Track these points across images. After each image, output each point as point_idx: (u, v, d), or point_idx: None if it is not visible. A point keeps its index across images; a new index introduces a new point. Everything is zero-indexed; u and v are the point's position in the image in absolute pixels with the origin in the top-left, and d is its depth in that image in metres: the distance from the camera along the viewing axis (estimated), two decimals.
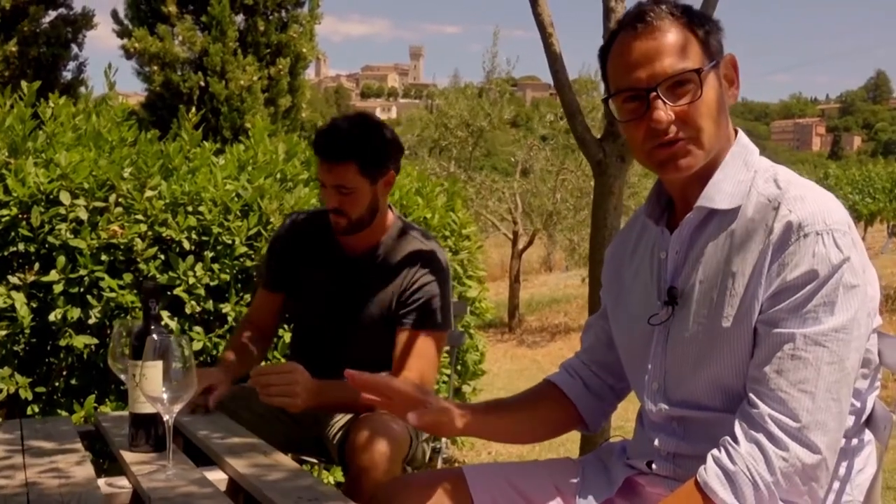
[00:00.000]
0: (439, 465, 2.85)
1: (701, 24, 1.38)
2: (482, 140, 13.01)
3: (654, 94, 1.34)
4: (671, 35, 1.36)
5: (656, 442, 1.45)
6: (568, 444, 4.83)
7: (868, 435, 1.42)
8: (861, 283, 1.28)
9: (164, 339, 1.59)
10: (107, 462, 2.95)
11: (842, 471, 1.37)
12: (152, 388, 1.58)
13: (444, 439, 2.70)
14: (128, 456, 1.76)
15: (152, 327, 1.77)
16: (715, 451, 1.29)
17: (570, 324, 12.20)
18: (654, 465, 1.46)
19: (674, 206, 1.50)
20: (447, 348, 3.98)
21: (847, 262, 1.27)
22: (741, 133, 1.45)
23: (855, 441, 1.39)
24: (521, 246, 12.91)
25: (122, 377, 1.92)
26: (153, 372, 1.59)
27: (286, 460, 1.71)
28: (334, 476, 3.75)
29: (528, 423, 1.64)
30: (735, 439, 1.28)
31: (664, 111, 1.34)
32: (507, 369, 8.80)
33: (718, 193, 1.38)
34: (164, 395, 1.56)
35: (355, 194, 2.31)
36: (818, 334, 1.25)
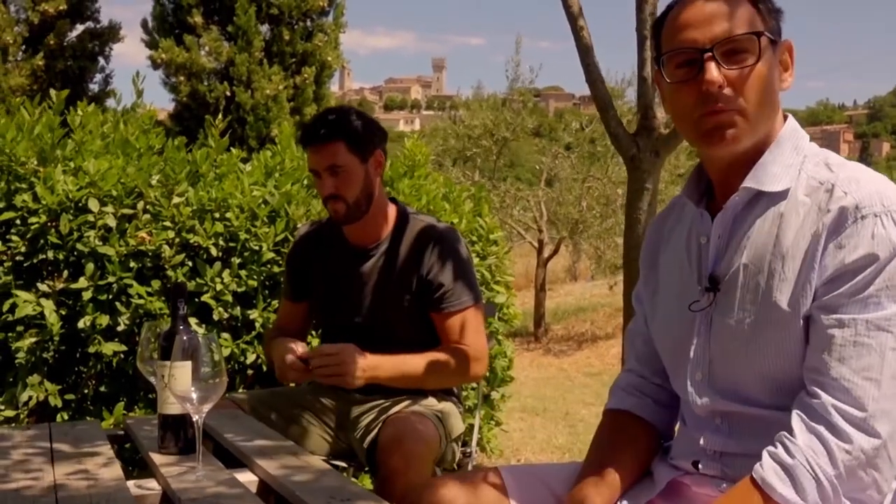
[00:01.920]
0: (470, 469, 2.81)
1: (764, 1, 1.35)
2: (506, 149, 12.98)
3: (710, 53, 1.29)
4: (733, 1, 1.31)
5: (702, 441, 1.40)
6: None
7: None
8: None
9: (193, 339, 1.57)
10: (136, 470, 2.94)
11: None
12: (181, 388, 1.56)
13: (474, 443, 2.66)
14: (157, 458, 1.74)
15: (181, 327, 1.75)
16: (771, 447, 1.24)
17: (596, 332, 12.11)
18: (700, 465, 1.40)
19: (713, 190, 1.45)
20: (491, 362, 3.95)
21: None
22: (791, 118, 1.40)
23: None
24: (546, 254, 12.85)
25: (152, 379, 1.91)
26: (182, 372, 1.58)
27: (316, 461, 1.68)
28: (363, 483, 3.72)
29: (638, 466, 1.51)
30: (792, 433, 1.22)
31: (719, 71, 1.29)
32: (534, 378, 8.74)
33: (766, 175, 1.34)
34: (194, 395, 1.54)
35: (348, 173, 2.33)
36: (881, 319, 1.21)
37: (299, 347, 2.29)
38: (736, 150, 1.34)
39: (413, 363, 2.29)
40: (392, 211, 2.47)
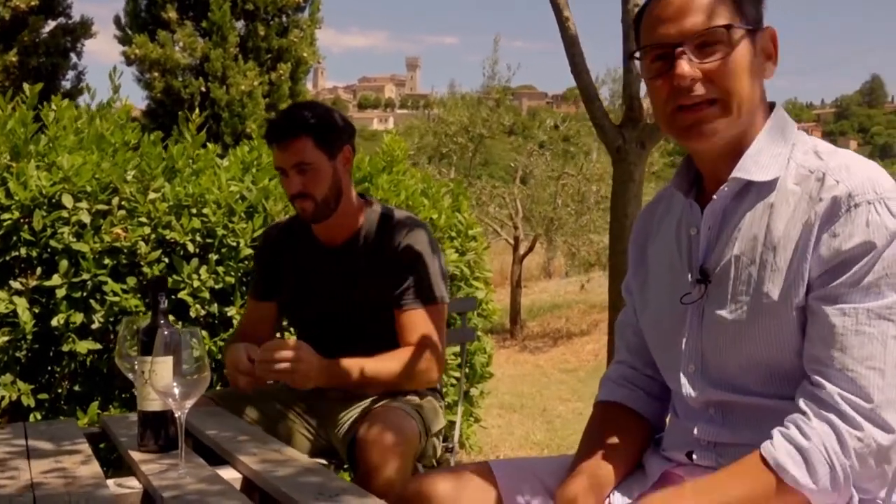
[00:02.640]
0: (451, 464, 2.80)
1: None
2: (482, 147, 12.99)
3: (680, 48, 1.29)
4: None
5: (696, 431, 1.39)
6: None
7: None
8: None
9: (175, 334, 1.54)
10: (111, 469, 2.89)
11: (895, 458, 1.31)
12: (163, 383, 1.53)
13: (455, 439, 2.65)
14: (136, 455, 1.70)
15: (161, 322, 1.72)
16: (782, 429, 1.22)
17: (571, 329, 12.15)
18: (694, 456, 1.39)
19: (703, 181, 1.44)
20: (457, 349, 3.95)
21: None
22: (779, 106, 1.39)
23: None
24: (521, 252, 12.87)
25: (130, 376, 1.87)
26: (163, 367, 1.54)
27: (301, 457, 1.66)
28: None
29: (630, 458, 1.50)
30: (807, 416, 1.21)
31: (689, 66, 1.29)
32: (511, 374, 8.74)
33: (755, 165, 1.33)
34: (176, 391, 1.51)
35: (316, 171, 2.29)
36: (882, 308, 1.20)
37: (252, 352, 2.20)
38: (716, 143, 1.33)
39: (368, 367, 2.24)
40: (361, 207, 2.43)
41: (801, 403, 1.23)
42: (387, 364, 2.26)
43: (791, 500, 1.19)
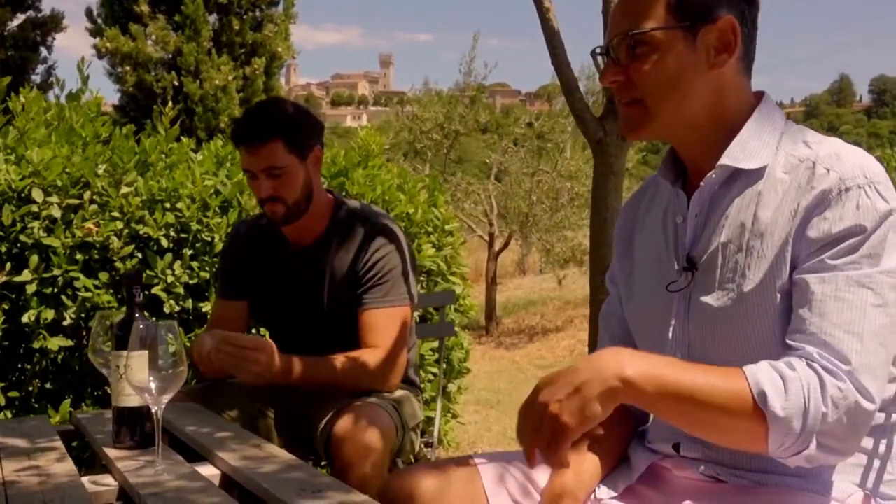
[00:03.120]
0: (431, 460, 2.78)
1: None
2: (457, 143, 12.98)
3: (607, 52, 1.35)
4: None
5: None
6: None
7: None
8: None
9: (151, 327, 1.50)
10: (83, 468, 2.84)
11: (881, 448, 1.30)
12: (139, 378, 1.49)
13: (435, 434, 2.62)
14: (112, 453, 1.66)
15: (136, 315, 1.68)
16: (771, 361, 1.19)
17: (546, 325, 12.17)
18: (681, 448, 1.38)
19: (688, 170, 1.43)
20: (435, 344, 3.92)
21: (894, 212, 1.21)
22: (767, 95, 1.38)
23: (894, 417, 1.32)
24: (497, 248, 12.87)
25: (104, 371, 1.82)
26: (139, 362, 1.50)
27: (282, 453, 1.62)
28: None
29: (616, 451, 1.49)
30: (791, 364, 1.18)
31: (610, 70, 1.34)
32: (487, 371, 8.73)
33: (743, 152, 1.32)
34: (152, 386, 1.47)
35: (288, 175, 2.24)
36: (862, 276, 1.19)
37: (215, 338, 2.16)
38: (641, 138, 1.39)
39: (325, 368, 2.20)
40: (331, 205, 2.38)
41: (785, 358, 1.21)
42: (342, 366, 2.21)
43: (748, 426, 1.16)
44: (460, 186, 12.79)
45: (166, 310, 3.26)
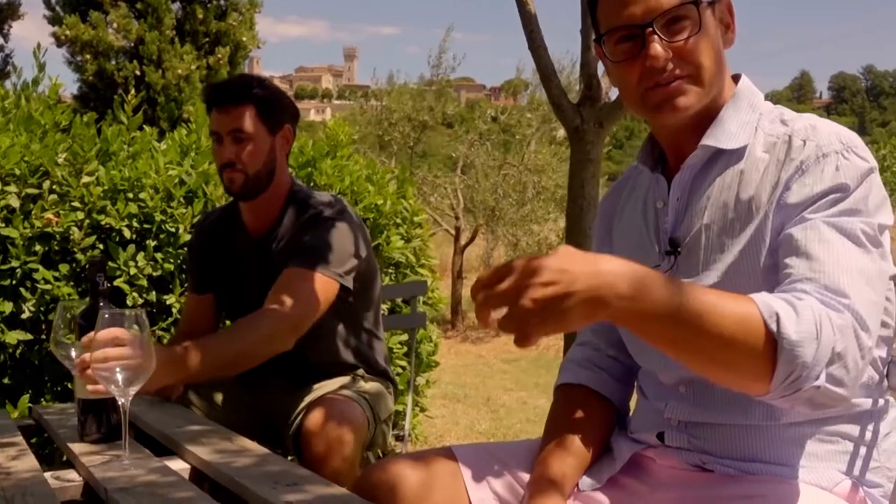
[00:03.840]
0: (405, 450, 2.74)
1: None
2: (424, 136, 12.92)
3: (650, 29, 1.26)
4: None
5: (666, 410, 1.35)
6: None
7: (892, 399, 1.34)
8: (887, 198, 1.22)
9: (117, 315, 1.44)
10: (43, 465, 2.76)
11: (867, 435, 1.28)
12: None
13: (406, 427, 2.58)
14: (76, 447, 1.60)
15: (101, 304, 1.62)
16: (778, 293, 1.13)
17: None
18: (665, 437, 1.35)
19: (667, 157, 1.42)
20: (405, 337, 3.88)
21: (874, 170, 1.22)
22: (745, 77, 1.39)
23: (881, 402, 1.31)
24: (463, 242, 12.83)
25: (67, 364, 1.76)
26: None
27: (254, 445, 1.57)
28: None
29: (598, 441, 1.43)
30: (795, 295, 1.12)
31: (662, 46, 1.27)
32: (453, 365, 8.70)
33: (724, 133, 1.32)
34: (119, 377, 1.41)
35: (253, 142, 2.19)
36: (844, 222, 1.17)
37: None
38: (687, 116, 1.32)
39: (218, 344, 2.02)
40: (288, 191, 2.31)
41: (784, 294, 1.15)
42: (227, 339, 2.06)
43: (755, 354, 1.06)
44: (426, 180, 12.73)
45: (129, 302, 3.18)
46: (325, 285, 2.13)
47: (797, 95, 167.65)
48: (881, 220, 1.20)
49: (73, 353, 1.72)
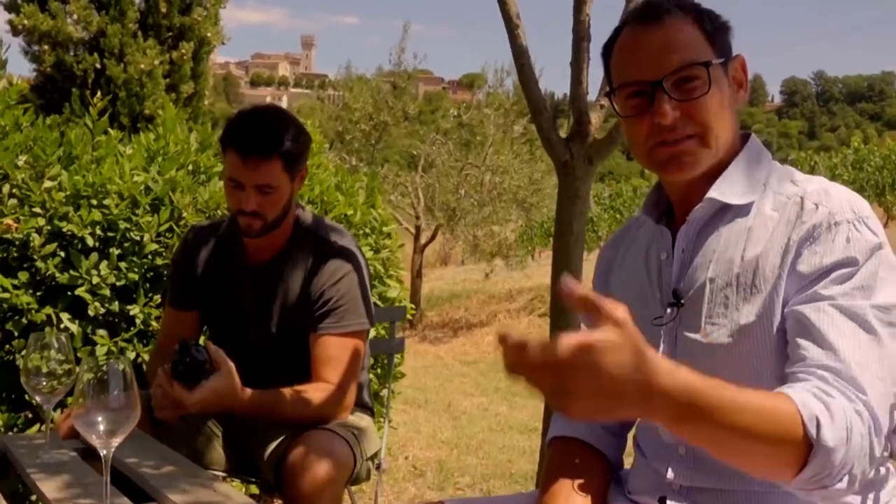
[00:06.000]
0: (381, 480, 2.69)
1: (710, 21, 1.32)
2: (385, 134, 12.86)
3: (659, 87, 1.26)
4: (679, 29, 1.29)
5: (669, 474, 1.32)
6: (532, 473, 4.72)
7: (893, 468, 1.33)
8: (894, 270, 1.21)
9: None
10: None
11: (869, 503, 1.28)
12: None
13: (383, 452, 2.53)
14: (52, 495, 1.52)
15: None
16: (800, 382, 1.11)
17: (471, 319, 12.18)
18: (668, 502, 1.33)
19: (673, 209, 1.41)
20: (384, 360, 3.81)
21: (883, 246, 1.21)
22: (754, 136, 1.39)
23: (882, 471, 1.30)
24: (423, 241, 12.81)
25: (37, 398, 1.68)
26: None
27: (236, 494, 1.51)
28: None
29: (596, 498, 1.40)
30: (821, 383, 1.10)
31: (669, 105, 1.26)
32: (413, 366, 8.65)
33: (731, 188, 1.31)
34: (101, 427, 1.34)
35: (277, 193, 2.14)
36: (857, 307, 1.16)
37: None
38: (695, 174, 1.32)
39: (272, 401, 2.10)
40: (292, 218, 2.28)
41: (800, 384, 1.12)
42: (289, 400, 2.12)
43: (787, 453, 1.04)
44: (387, 178, 12.67)
45: (91, 312, 3.08)
46: (360, 338, 2.22)
47: (749, 99, 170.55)
48: (891, 298, 1.18)
49: (44, 383, 1.65)
